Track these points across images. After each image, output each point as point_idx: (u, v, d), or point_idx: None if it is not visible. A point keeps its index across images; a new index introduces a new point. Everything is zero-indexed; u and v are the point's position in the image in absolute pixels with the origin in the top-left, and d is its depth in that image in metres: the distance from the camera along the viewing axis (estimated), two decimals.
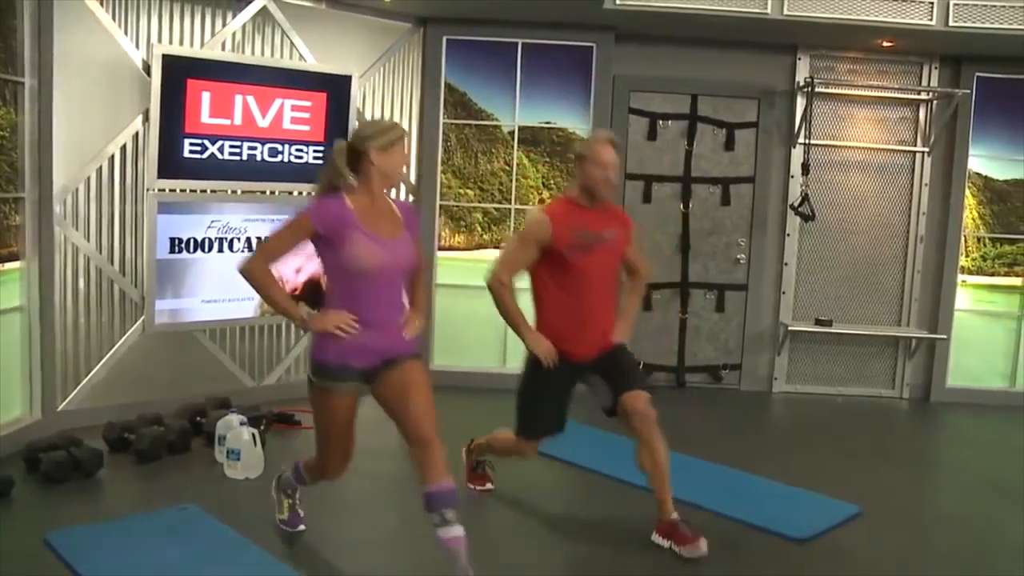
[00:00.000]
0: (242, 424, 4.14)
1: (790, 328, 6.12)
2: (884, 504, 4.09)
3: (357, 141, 3.00)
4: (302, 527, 3.46)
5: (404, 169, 3.20)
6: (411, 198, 5.89)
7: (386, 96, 5.75)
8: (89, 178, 4.59)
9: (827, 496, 4.11)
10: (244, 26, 5.05)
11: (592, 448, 4.63)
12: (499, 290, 3.49)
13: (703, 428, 5.41)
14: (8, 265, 4.22)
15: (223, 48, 4.98)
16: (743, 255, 6.24)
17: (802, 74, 6.05)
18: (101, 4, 4.53)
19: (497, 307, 3.54)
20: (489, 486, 4.03)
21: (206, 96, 4.73)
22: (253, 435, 4.10)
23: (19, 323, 4.32)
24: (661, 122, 6.16)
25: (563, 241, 3.43)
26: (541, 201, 5.77)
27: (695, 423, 5.56)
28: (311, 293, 5.25)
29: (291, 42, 5.24)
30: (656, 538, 3.52)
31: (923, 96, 6.14)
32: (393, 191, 3.30)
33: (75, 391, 4.63)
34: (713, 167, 6.20)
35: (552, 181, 5.92)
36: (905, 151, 6.19)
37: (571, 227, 3.44)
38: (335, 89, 5.19)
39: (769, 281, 6.26)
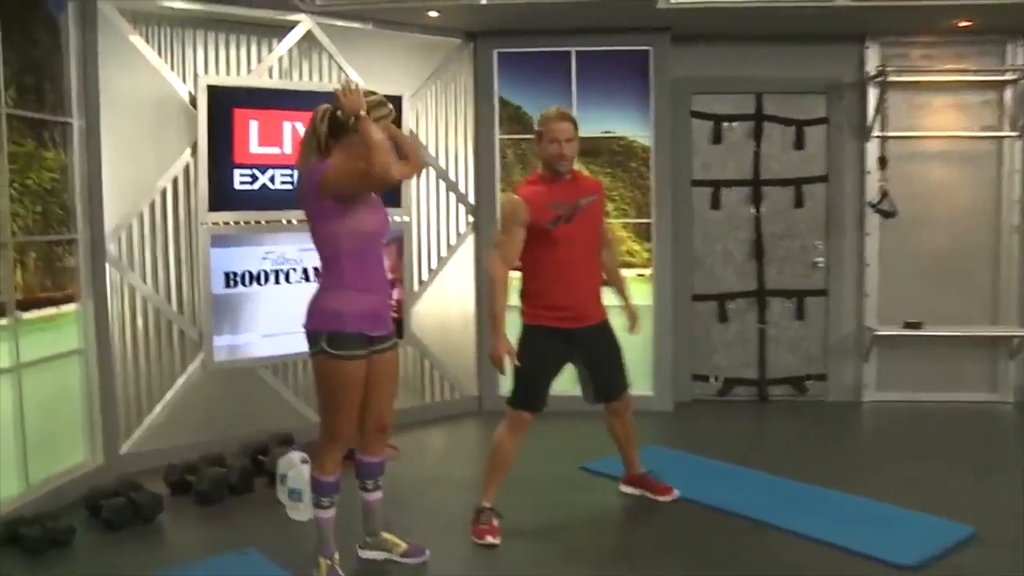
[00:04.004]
0: (304, 462, 3.97)
1: (877, 333, 5.76)
2: (1001, 523, 3.71)
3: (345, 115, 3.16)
4: None
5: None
6: (470, 218, 5.73)
7: (439, 114, 5.61)
8: (141, 214, 4.53)
9: (935, 516, 3.76)
10: (290, 51, 4.96)
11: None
12: (493, 283, 3.66)
13: (790, 444, 5.11)
14: (64, 308, 4.17)
15: (270, 75, 4.90)
16: (821, 258, 5.92)
17: (872, 63, 5.72)
18: (146, 40, 4.49)
19: (488, 296, 3.73)
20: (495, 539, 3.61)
21: (254, 125, 4.65)
22: None
23: (78, 366, 4.27)
24: (726, 124, 5.91)
25: (542, 217, 3.61)
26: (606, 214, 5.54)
27: (781, 439, 5.27)
28: None
29: (338, 65, 5.14)
30: (625, 488, 4.13)
31: (1008, 77, 5.74)
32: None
33: (136, 433, 4.55)
34: (783, 167, 5.91)
35: (615, 192, 5.68)
36: (991, 137, 5.79)
37: (547, 203, 3.63)
38: None
39: (850, 284, 5.92)
